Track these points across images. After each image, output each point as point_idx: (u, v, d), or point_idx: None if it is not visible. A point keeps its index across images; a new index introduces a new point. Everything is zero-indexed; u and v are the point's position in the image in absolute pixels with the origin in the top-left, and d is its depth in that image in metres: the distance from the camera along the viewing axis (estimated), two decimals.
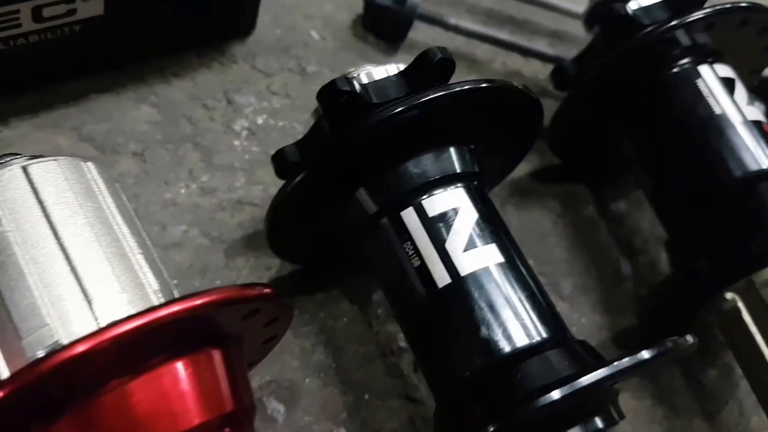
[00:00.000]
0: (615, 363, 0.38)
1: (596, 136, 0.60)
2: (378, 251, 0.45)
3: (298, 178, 0.44)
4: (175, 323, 0.34)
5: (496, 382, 0.40)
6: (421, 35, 0.68)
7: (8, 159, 0.40)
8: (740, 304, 0.50)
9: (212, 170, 0.57)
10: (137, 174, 0.55)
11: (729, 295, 0.50)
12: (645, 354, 0.38)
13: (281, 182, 0.57)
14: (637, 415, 0.55)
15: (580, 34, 0.68)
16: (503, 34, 0.68)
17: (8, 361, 0.35)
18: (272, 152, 0.58)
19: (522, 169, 0.61)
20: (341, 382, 0.51)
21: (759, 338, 0.49)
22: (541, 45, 0.70)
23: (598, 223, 0.64)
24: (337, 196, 0.46)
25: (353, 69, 0.47)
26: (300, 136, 0.56)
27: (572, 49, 0.66)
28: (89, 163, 0.40)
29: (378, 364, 0.53)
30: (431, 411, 0.51)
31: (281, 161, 0.47)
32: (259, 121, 0.61)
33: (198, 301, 0.34)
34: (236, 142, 0.59)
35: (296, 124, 0.61)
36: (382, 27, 0.67)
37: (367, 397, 0.51)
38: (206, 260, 0.53)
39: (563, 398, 0.37)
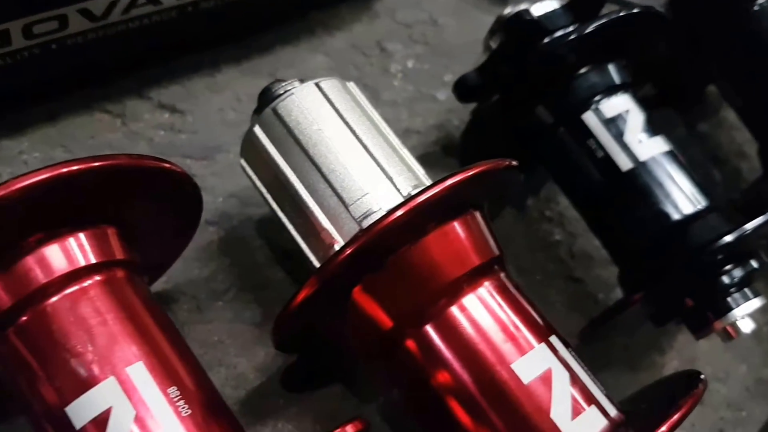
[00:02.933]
0: None
1: (685, 68, 0.72)
2: (560, 151, 0.56)
3: (494, 98, 0.56)
4: (457, 190, 0.44)
5: (673, 242, 0.52)
6: None
7: (280, 84, 0.50)
8: None
9: (381, 106, 0.68)
10: None
11: None
12: None
13: (436, 114, 0.69)
14: None
15: None
16: None
17: (334, 224, 0.46)
18: (425, 90, 0.70)
19: None
20: (515, 267, 0.63)
21: None
22: None
23: (688, 140, 0.76)
24: (519, 113, 0.57)
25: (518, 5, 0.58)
26: (443, 77, 0.68)
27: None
28: (352, 83, 0.51)
29: (540, 253, 0.65)
30: (590, 287, 0.63)
31: (464, 86, 0.59)
32: (409, 65, 0.72)
33: (473, 171, 0.44)
34: (395, 83, 0.70)
35: (439, 67, 0.72)
36: None
37: (538, 278, 0.63)
38: None
39: (735, 241, 0.49)
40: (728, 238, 0.49)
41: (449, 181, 0.43)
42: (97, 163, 0.37)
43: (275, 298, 0.57)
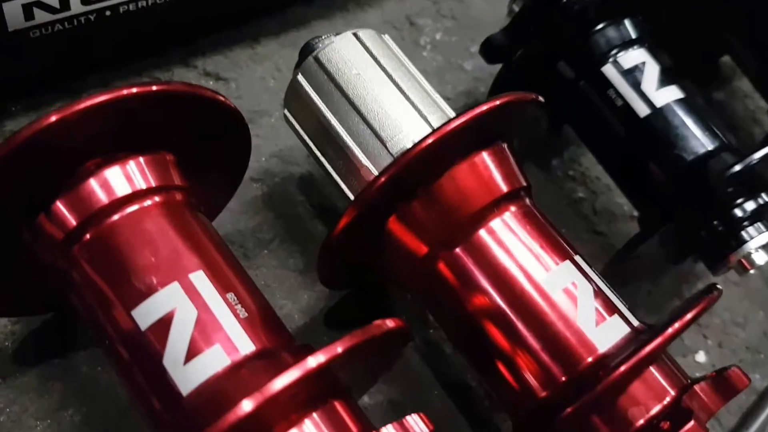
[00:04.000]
0: None
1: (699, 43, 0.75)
2: (582, 103, 0.60)
3: (519, 53, 0.60)
4: (483, 120, 0.46)
5: (689, 179, 0.55)
6: None
7: (319, 38, 0.54)
8: None
9: None
10: None
11: None
12: None
13: (464, 82, 0.72)
14: None
15: None
16: None
17: (373, 161, 0.50)
18: (453, 61, 0.74)
19: None
20: None
21: None
22: None
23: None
24: (541, 70, 0.61)
25: None
26: (470, 49, 0.72)
27: None
28: (386, 35, 0.56)
29: (565, 209, 0.68)
30: (614, 239, 0.67)
31: (491, 47, 0.62)
32: (438, 37, 0.76)
33: (499, 101, 0.47)
34: (424, 54, 0.74)
35: (466, 39, 0.76)
36: None
37: (563, 231, 0.66)
38: None
39: (744, 169, 0.52)
40: (737, 167, 0.52)
41: (476, 111, 0.46)
42: (154, 88, 0.42)
43: (316, 249, 0.61)
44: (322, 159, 0.53)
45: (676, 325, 0.42)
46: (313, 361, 0.36)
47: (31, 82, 0.62)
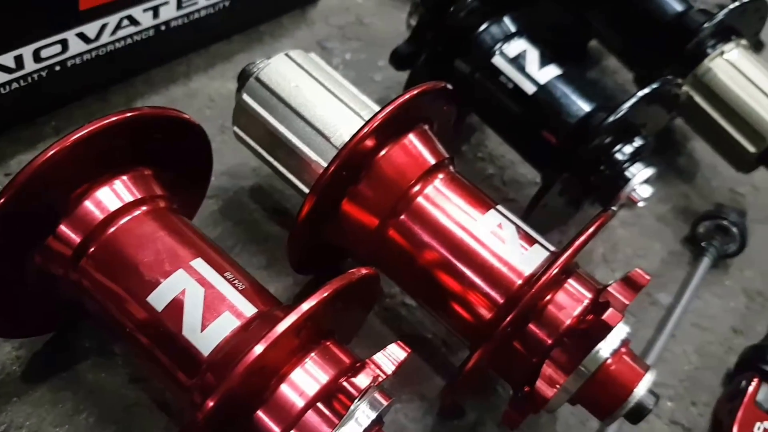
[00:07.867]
0: (640, 92, 0.65)
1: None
2: (480, 91, 0.71)
3: (423, 57, 0.70)
4: (407, 106, 0.56)
5: (576, 137, 0.67)
6: None
7: (254, 63, 0.64)
8: (692, 92, 0.79)
9: None
10: None
11: (683, 89, 0.79)
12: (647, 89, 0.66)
13: (377, 92, 0.83)
14: None
15: None
16: None
17: (321, 156, 0.59)
18: (364, 74, 0.84)
19: None
20: None
21: (709, 109, 0.79)
22: None
23: None
24: (442, 69, 0.72)
25: None
26: (377, 63, 0.83)
27: None
28: (313, 54, 0.66)
29: (479, 184, 0.78)
30: (523, 203, 0.77)
31: (398, 56, 0.73)
32: (348, 57, 0.87)
33: (417, 90, 0.57)
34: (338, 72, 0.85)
35: (373, 56, 0.87)
36: None
37: None
38: None
39: (616, 120, 0.64)
40: (611, 119, 0.64)
41: (398, 101, 0.56)
42: (128, 114, 0.50)
43: (275, 247, 0.70)
44: (275, 163, 0.62)
45: (582, 238, 0.53)
46: (306, 305, 0.45)
47: None
